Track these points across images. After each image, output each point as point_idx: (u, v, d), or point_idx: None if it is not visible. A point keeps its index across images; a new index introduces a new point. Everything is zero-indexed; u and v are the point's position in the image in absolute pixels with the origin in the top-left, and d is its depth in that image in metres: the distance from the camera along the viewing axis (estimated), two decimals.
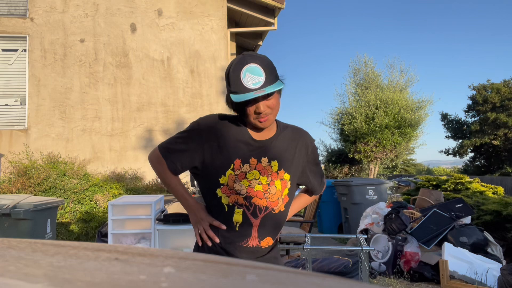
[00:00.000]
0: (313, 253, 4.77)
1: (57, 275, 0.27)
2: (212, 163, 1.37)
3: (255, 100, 1.28)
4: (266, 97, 1.29)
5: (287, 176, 1.42)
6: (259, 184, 1.36)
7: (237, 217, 1.34)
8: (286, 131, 1.47)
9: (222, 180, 1.35)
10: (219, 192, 1.35)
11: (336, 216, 7.30)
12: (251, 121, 1.32)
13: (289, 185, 1.43)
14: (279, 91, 1.35)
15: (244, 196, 1.34)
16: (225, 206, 1.35)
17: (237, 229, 1.35)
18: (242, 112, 1.34)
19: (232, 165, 1.35)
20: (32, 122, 7.11)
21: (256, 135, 1.40)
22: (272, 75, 1.29)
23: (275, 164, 1.39)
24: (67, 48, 7.35)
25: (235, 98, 1.25)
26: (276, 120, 1.46)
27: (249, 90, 1.26)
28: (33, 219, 3.90)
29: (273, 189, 1.38)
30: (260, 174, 1.37)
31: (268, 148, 1.40)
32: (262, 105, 1.28)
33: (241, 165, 1.35)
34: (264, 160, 1.38)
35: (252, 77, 1.26)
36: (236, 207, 1.34)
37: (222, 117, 1.41)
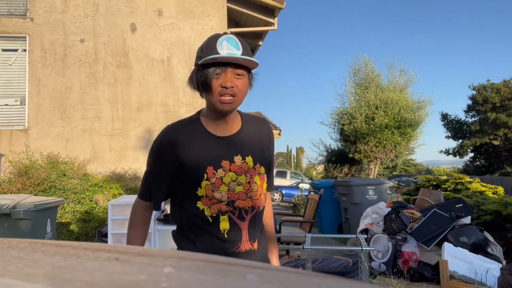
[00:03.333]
0: (313, 253, 4.77)
1: (57, 275, 0.27)
2: (185, 179, 1.28)
3: (224, 73, 1.19)
4: (236, 73, 1.20)
5: (263, 169, 1.35)
6: (238, 185, 1.28)
7: (224, 224, 1.27)
8: (251, 122, 1.39)
9: (200, 192, 1.26)
10: (200, 205, 1.27)
11: (336, 216, 7.30)
12: (213, 100, 1.21)
13: (265, 178, 1.37)
14: (250, 79, 1.27)
15: (226, 202, 1.26)
16: (209, 218, 1.26)
17: (226, 236, 1.27)
18: (206, 88, 1.22)
19: (205, 174, 1.25)
20: (32, 122, 7.11)
21: (219, 132, 1.30)
22: (248, 53, 1.22)
23: (249, 159, 1.31)
24: (67, 48, 7.35)
25: (204, 60, 1.18)
26: (238, 112, 1.37)
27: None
28: (33, 219, 3.90)
29: (254, 186, 1.30)
30: (236, 174, 1.27)
31: (237, 144, 1.30)
32: (230, 78, 1.19)
33: (215, 172, 1.25)
34: (238, 158, 1.29)
35: (229, 46, 1.20)
36: (220, 215, 1.26)
37: (175, 127, 1.31)
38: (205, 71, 1.20)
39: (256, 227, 1.34)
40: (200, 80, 1.23)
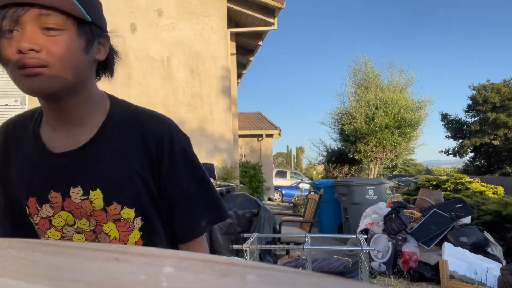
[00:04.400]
0: (313, 253, 4.77)
1: (57, 275, 0.27)
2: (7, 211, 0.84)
3: (19, 28, 0.67)
4: (43, 22, 0.67)
5: (130, 213, 0.79)
6: (78, 232, 0.79)
7: None
8: (121, 119, 0.82)
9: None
10: None
11: (336, 216, 7.30)
12: (12, 78, 0.71)
13: (141, 225, 0.81)
14: (87, 36, 0.74)
15: None
16: None
17: None
18: None
19: (27, 208, 0.80)
20: None
21: (55, 142, 0.79)
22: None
23: (97, 195, 0.77)
24: None
25: None
26: (111, 100, 0.86)
27: None
28: None
29: (104, 239, 0.79)
30: (74, 216, 0.78)
31: (80, 166, 0.78)
32: (32, 35, 0.67)
33: (38, 207, 0.79)
34: (75, 191, 0.77)
35: None
36: None
37: (11, 124, 0.84)
38: None
39: None
40: None
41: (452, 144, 35.50)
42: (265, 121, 18.73)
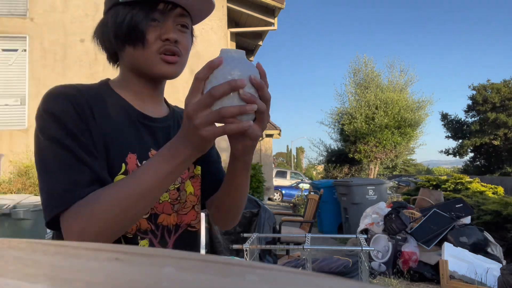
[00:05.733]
0: (313, 253, 4.77)
1: (57, 275, 0.27)
2: None
3: (165, 20, 0.79)
4: (180, 22, 0.81)
5: (198, 170, 0.93)
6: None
7: None
8: (176, 108, 1.01)
9: None
10: None
11: (336, 216, 7.30)
12: (148, 59, 0.79)
13: (199, 182, 0.94)
14: (191, 39, 0.88)
15: (147, 215, 0.80)
16: (121, 239, 0.78)
17: None
18: (134, 39, 0.78)
19: (123, 165, 0.78)
20: (32, 122, 7.09)
21: (146, 110, 0.86)
22: None
23: None
24: (67, 48, 7.35)
25: None
26: None
27: None
28: (33, 219, 3.90)
29: (183, 195, 0.88)
30: None
31: (172, 130, 0.90)
32: (173, 28, 0.79)
33: (138, 164, 0.81)
34: None
35: None
36: (138, 237, 0.80)
37: (80, 87, 0.80)
38: (133, 14, 0.77)
39: None
40: (125, 27, 0.77)
41: (452, 144, 35.51)
42: None
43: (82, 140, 0.72)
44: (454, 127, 28.39)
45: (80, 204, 0.67)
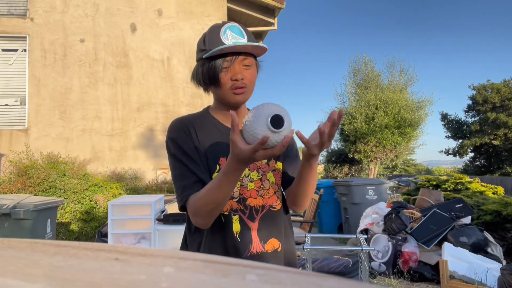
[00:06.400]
0: (313, 253, 4.77)
1: (57, 275, 0.27)
2: None
3: (233, 65, 1.13)
4: (244, 63, 1.15)
5: (279, 165, 1.26)
6: (250, 181, 1.20)
7: (236, 225, 1.16)
8: None
9: None
10: None
11: (336, 216, 7.30)
12: (224, 94, 1.15)
13: (280, 175, 1.28)
14: (257, 67, 1.21)
15: (237, 199, 1.17)
16: (221, 217, 1.15)
17: (238, 239, 1.16)
18: (213, 82, 1.15)
19: (217, 166, 1.17)
20: (32, 122, 7.11)
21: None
22: (253, 40, 1.17)
23: None
24: (67, 48, 7.35)
25: (211, 52, 1.11)
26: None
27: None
28: (33, 219, 3.90)
29: (266, 184, 1.22)
30: (248, 169, 1.20)
31: None
32: (239, 70, 1.13)
33: None
34: None
35: (233, 35, 1.14)
36: (232, 214, 1.16)
37: (186, 117, 1.25)
38: (211, 65, 1.13)
39: (269, 228, 1.20)
40: (207, 74, 1.15)
41: (452, 144, 35.52)
42: None
43: (190, 154, 1.16)
44: (454, 127, 28.37)
45: (192, 198, 1.10)
